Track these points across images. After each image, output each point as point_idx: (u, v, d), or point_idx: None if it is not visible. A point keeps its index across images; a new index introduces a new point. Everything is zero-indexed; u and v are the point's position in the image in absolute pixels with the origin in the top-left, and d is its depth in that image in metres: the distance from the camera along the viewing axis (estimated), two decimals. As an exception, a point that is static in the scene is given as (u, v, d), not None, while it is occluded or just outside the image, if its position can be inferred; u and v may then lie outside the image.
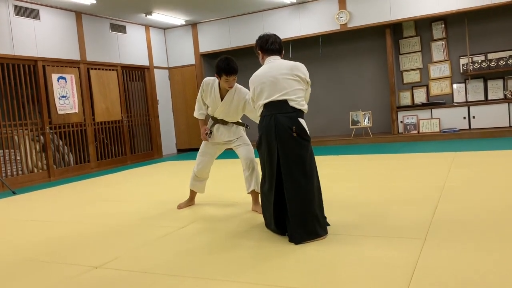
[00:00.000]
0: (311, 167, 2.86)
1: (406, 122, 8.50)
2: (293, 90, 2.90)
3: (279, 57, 3.09)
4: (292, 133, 2.82)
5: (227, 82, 3.54)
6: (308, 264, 2.40)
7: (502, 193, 3.63)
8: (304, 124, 2.88)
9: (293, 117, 2.85)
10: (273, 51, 3.08)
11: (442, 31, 8.52)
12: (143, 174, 6.99)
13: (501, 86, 8.14)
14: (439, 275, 2.09)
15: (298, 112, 2.90)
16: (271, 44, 3.08)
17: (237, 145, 3.81)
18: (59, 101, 7.45)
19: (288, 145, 2.82)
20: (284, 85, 2.90)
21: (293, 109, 2.88)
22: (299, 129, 2.84)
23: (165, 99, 10.10)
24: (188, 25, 9.85)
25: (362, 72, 9.29)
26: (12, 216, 4.47)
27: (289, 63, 3.00)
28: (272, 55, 3.08)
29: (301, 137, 2.84)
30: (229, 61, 3.49)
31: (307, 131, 2.89)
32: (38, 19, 7.22)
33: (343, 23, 8.49)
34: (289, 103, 2.88)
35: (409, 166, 5.40)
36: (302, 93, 2.95)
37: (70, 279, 2.46)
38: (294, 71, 2.94)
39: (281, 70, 2.94)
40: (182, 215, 3.81)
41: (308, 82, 3.01)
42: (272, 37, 3.11)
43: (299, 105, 2.90)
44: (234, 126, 3.82)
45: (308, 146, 2.88)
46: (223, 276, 2.32)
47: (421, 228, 2.83)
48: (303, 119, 2.91)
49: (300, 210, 2.77)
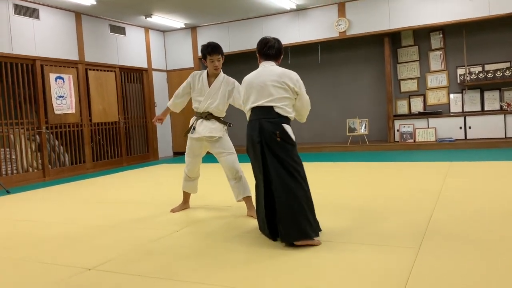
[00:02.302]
0: (297, 170, 2.87)
1: (402, 131, 8.52)
2: (279, 98, 2.94)
3: (274, 63, 3.09)
4: (276, 138, 2.86)
5: (212, 62, 3.66)
6: (300, 270, 2.39)
7: (496, 203, 3.64)
8: (288, 129, 2.91)
9: (276, 123, 2.89)
10: (268, 56, 3.09)
11: (440, 41, 8.57)
12: (138, 176, 6.97)
13: (497, 97, 8.18)
14: (433, 284, 2.09)
15: (282, 118, 2.93)
16: (268, 48, 3.08)
17: (220, 153, 3.73)
18: (56, 101, 7.43)
19: (273, 149, 2.87)
20: (271, 92, 2.94)
21: (277, 115, 2.92)
22: (282, 134, 2.88)
23: (162, 101, 10.08)
24: (188, 28, 9.87)
25: (360, 79, 9.32)
26: (5, 215, 4.45)
27: (279, 70, 3.01)
28: (267, 60, 3.09)
29: (285, 141, 2.88)
30: (210, 42, 3.69)
31: (292, 135, 2.91)
32: (37, 19, 7.21)
33: (342, 30, 8.53)
34: (274, 109, 2.92)
35: (404, 174, 5.42)
36: (288, 101, 2.96)
37: (62, 280, 2.45)
38: (283, 78, 2.96)
39: (270, 77, 2.97)
40: (176, 218, 3.80)
41: (298, 92, 2.98)
42: (271, 41, 3.10)
43: (284, 111, 2.94)
44: (217, 122, 3.79)
45: (293, 150, 2.90)
46: (216, 281, 2.31)
47: (415, 237, 2.83)
48: (288, 125, 2.94)
49: (290, 211, 2.79)
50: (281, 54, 3.14)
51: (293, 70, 3.09)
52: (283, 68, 3.06)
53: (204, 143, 3.84)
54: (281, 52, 3.14)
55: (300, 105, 3.05)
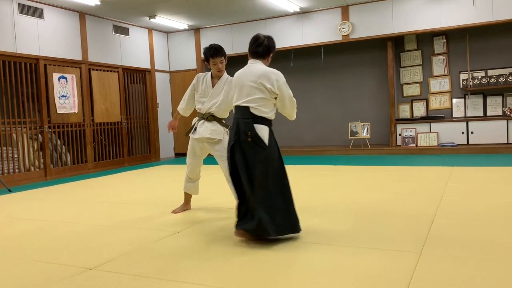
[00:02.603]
0: (265, 173, 2.91)
1: (404, 135, 8.52)
2: (254, 98, 2.96)
3: (261, 62, 3.07)
4: (247, 138, 2.90)
5: (215, 65, 3.69)
6: (301, 273, 2.39)
7: (498, 208, 3.63)
8: (261, 131, 2.92)
9: (249, 123, 2.93)
10: (256, 54, 3.08)
11: (443, 46, 8.57)
12: (140, 176, 6.98)
13: (500, 102, 8.17)
14: (434, 289, 2.09)
15: (258, 119, 2.95)
16: (256, 46, 3.08)
17: (220, 156, 3.74)
18: (59, 101, 7.45)
19: (244, 149, 2.93)
20: (248, 92, 2.98)
21: (252, 115, 2.95)
22: (253, 135, 2.90)
23: (165, 102, 10.11)
24: (191, 30, 9.88)
25: (362, 83, 9.32)
26: (7, 214, 4.45)
27: (260, 70, 3.00)
28: (254, 58, 3.09)
29: (255, 142, 2.91)
30: (212, 44, 3.70)
31: (263, 138, 2.92)
32: (42, 18, 7.23)
33: (346, 34, 8.54)
34: (250, 109, 2.96)
35: (406, 179, 5.41)
36: (263, 101, 2.97)
37: (63, 280, 2.45)
38: (260, 79, 2.96)
39: (250, 77, 3.00)
40: (177, 219, 3.80)
41: (276, 92, 2.97)
42: (261, 39, 3.08)
43: (259, 112, 2.96)
44: (218, 124, 3.80)
45: (262, 152, 2.91)
46: (217, 282, 2.31)
47: (417, 242, 2.82)
48: (264, 126, 2.95)
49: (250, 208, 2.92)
50: (270, 53, 3.11)
51: (296, 73, 3.11)
52: (267, 67, 3.04)
53: (205, 144, 3.85)
54: (270, 51, 3.11)
55: (280, 105, 3.05)
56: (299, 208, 4.00)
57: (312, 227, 3.32)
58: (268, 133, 2.96)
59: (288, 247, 2.86)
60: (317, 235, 3.11)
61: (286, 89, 3.02)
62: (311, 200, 4.32)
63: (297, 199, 4.41)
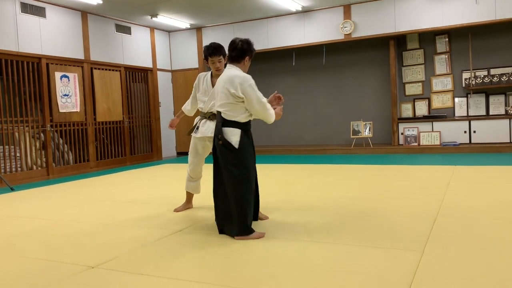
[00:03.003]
0: (234, 175, 3.00)
1: (406, 134, 8.50)
2: (223, 103, 3.08)
3: (235, 66, 3.12)
4: (219, 141, 3.05)
5: (214, 64, 3.69)
6: (304, 271, 2.38)
7: (501, 207, 3.62)
8: (228, 134, 3.02)
9: (219, 127, 3.07)
10: (230, 58, 3.16)
11: (446, 45, 8.55)
12: (142, 175, 6.98)
13: (502, 101, 8.15)
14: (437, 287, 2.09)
15: (227, 123, 3.05)
16: (231, 50, 3.14)
17: None
18: (61, 100, 7.46)
19: (218, 152, 3.10)
20: (219, 97, 3.11)
21: (222, 119, 3.06)
22: (222, 138, 3.03)
23: (167, 101, 10.11)
24: (193, 29, 9.89)
25: (365, 82, 9.31)
26: (9, 212, 4.46)
27: (228, 75, 3.06)
28: (229, 63, 3.17)
29: (224, 145, 3.03)
30: (211, 43, 3.70)
31: (231, 141, 3.01)
32: (44, 17, 7.24)
33: (348, 33, 8.52)
34: (221, 114, 3.08)
35: (408, 178, 5.40)
36: (231, 106, 3.05)
37: (65, 278, 2.45)
38: (226, 84, 3.04)
39: (221, 82, 3.11)
40: (179, 218, 3.80)
41: (240, 96, 2.99)
42: (235, 43, 3.13)
43: (228, 116, 3.06)
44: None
45: (231, 154, 3.01)
46: (220, 281, 2.31)
47: (419, 240, 2.82)
48: (234, 129, 3.04)
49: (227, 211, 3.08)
50: (244, 56, 3.12)
51: (298, 72, 3.13)
52: (236, 71, 3.07)
53: (207, 143, 3.87)
54: (245, 54, 3.12)
55: (250, 108, 3.07)
56: (300, 206, 4.01)
57: (315, 226, 3.31)
58: (240, 136, 3.04)
59: (292, 246, 2.86)
60: (320, 233, 3.10)
61: (252, 92, 3.02)
62: (313, 199, 4.31)
63: (298, 198, 4.43)
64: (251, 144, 3.20)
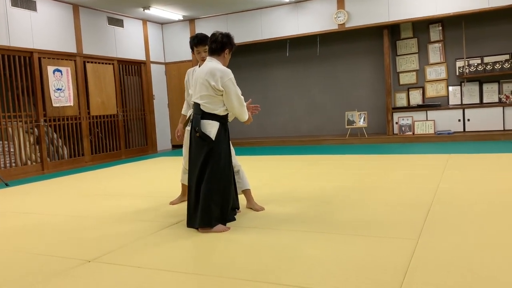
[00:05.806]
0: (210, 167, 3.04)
1: (401, 123, 8.53)
2: (202, 95, 3.10)
3: (215, 59, 3.15)
4: (196, 133, 3.08)
5: (199, 54, 3.69)
6: (298, 262, 2.40)
7: (495, 195, 3.65)
8: (208, 126, 3.06)
9: (197, 119, 3.09)
10: (211, 50, 3.19)
11: (440, 34, 8.55)
12: (137, 169, 6.97)
13: (496, 89, 8.18)
14: (432, 275, 2.11)
15: (205, 115, 3.08)
16: (211, 43, 3.17)
17: None
18: (54, 94, 7.41)
19: (194, 144, 3.13)
20: (199, 89, 3.12)
21: (201, 112, 3.07)
22: (200, 130, 3.06)
23: (161, 94, 10.07)
24: (186, 20, 9.82)
25: (359, 72, 9.31)
26: (5, 208, 4.45)
27: (209, 67, 3.09)
28: (210, 55, 3.20)
29: (201, 138, 3.06)
30: (197, 34, 3.71)
31: (209, 133, 3.04)
32: (35, 11, 7.17)
33: (341, 22, 8.50)
34: (200, 106, 3.10)
35: (403, 167, 5.43)
36: (210, 98, 3.08)
37: (62, 272, 2.45)
38: (206, 76, 3.06)
39: (201, 74, 3.12)
40: (175, 210, 3.81)
41: (220, 89, 3.03)
42: (215, 36, 3.17)
43: (207, 109, 3.09)
44: None
45: (207, 146, 3.05)
46: (216, 272, 2.32)
47: (414, 229, 2.84)
48: (213, 121, 3.07)
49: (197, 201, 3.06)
50: (224, 49, 3.16)
51: (292, 63, 3.13)
52: (217, 65, 3.10)
53: None
54: (225, 47, 3.16)
55: (227, 102, 3.10)
56: (295, 197, 4.03)
57: (309, 216, 3.33)
58: (218, 128, 3.07)
59: (287, 237, 2.87)
60: (315, 223, 3.12)
61: (232, 86, 3.06)
62: (308, 190, 4.33)
63: (293, 188, 4.44)
64: (228, 137, 3.23)
